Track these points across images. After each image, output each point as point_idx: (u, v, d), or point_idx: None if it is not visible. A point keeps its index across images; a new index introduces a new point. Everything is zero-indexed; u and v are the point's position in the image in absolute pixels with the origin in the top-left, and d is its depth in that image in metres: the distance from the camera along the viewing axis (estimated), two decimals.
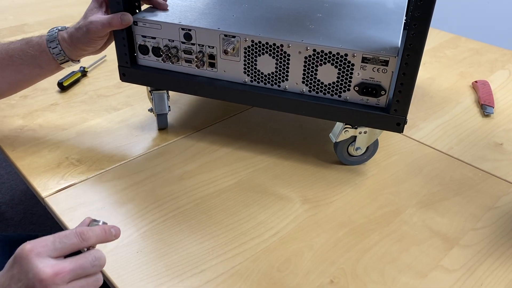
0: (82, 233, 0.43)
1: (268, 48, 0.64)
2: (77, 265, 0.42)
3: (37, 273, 0.39)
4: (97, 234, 0.44)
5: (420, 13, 0.55)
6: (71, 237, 0.42)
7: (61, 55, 0.67)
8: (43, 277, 0.39)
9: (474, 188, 0.69)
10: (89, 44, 0.67)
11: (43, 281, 0.39)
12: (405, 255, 0.58)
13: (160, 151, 0.74)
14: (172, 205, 0.63)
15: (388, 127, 0.64)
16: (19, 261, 0.41)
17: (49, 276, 0.40)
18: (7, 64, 0.68)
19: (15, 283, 0.40)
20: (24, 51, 0.67)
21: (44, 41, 0.67)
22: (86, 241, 0.43)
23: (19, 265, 0.40)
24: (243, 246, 0.58)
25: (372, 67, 0.61)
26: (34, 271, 0.39)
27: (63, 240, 0.42)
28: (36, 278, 0.39)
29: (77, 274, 0.42)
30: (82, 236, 0.43)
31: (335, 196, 0.66)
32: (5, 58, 0.68)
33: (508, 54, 1.10)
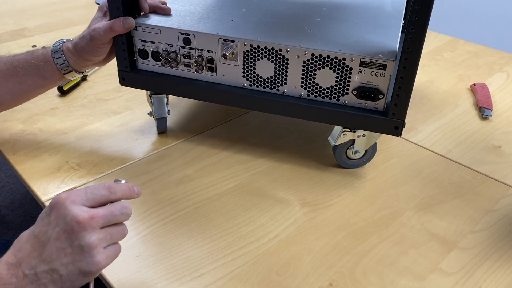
0: (111, 186, 0.47)
1: (267, 52, 0.65)
2: (109, 211, 0.45)
3: (74, 216, 0.43)
4: (123, 189, 0.48)
5: (418, 17, 0.55)
6: (101, 189, 0.46)
7: (65, 65, 0.68)
8: (80, 219, 0.43)
9: (472, 191, 0.69)
10: (93, 53, 0.67)
11: (81, 223, 0.43)
12: (404, 258, 0.58)
13: (159, 154, 0.74)
14: (172, 209, 0.64)
15: (386, 130, 0.64)
16: (56, 208, 0.44)
17: (86, 218, 0.43)
18: (11, 75, 0.68)
19: (53, 228, 0.43)
20: (28, 62, 0.68)
21: (49, 52, 0.68)
22: (114, 194, 0.47)
23: (56, 212, 0.44)
24: (242, 250, 0.58)
25: (370, 71, 0.61)
26: (72, 215, 0.43)
27: (94, 191, 0.46)
28: (74, 221, 0.43)
29: (109, 220, 0.45)
30: (110, 189, 0.47)
31: (334, 199, 0.67)
32: (10, 68, 0.68)
33: (506, 56, 1.11)
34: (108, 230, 0.46)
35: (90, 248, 0.43)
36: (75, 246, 0.43)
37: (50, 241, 0.43)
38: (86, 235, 0.43)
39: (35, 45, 1.07)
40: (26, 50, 0.71)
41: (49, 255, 0.43)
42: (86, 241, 0.43)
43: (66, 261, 0.43)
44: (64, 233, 0.43)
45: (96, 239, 0.44)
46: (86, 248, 0.43)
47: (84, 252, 0.43)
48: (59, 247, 0.43)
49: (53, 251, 0.43)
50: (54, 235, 0.43)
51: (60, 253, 0.43)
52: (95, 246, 0.44)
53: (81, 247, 0.43)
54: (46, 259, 0.43)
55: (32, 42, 1.09)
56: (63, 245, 0.43)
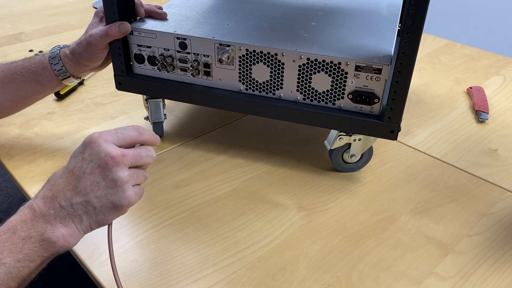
0: (140, 128, 0.50)
1: (263, 56, 0.65)
2: (137, 152, 0.48)
3: (109, 152, 0.46)
4: (149, 133, 0.51)
5: (412, 21, 0.55)
6: (130, 130, 0.49)
7: (62, 71, 0.68)
8: (114, 155, 0.46)
9: (468, 195, 0.69)
10: (90, 58, 0.67)
11: (115, 158, 0.46)
12: (400, 262, 0.58)
13: (156, 159, 0.74)
14: (168, 214, 0.64)
15: (382, 134, 0.64)
16: (90, 145, 0.47)
17: (119, 154, 0.46)
18: (9, 81, 0.68)
19: (87, 163, 0.46)
20: (26, 68, 0.68)
21: (46, 58, 0.68)
22: (142, 135, 0.50)
23: (90, 149, 0.46)
24: (238, 255, 0.58)
25: (365, 75, 0.62)
26: (106, 151, 0.46)
27: (124, 131, 0.49)
28: (109, 156, 0.46)
29: (136, 160, 0.48)
30: (139, 130, 0.50)
31: (331, 203, 0.67)
32: (7, 75, 0.68)
33: (502, 60, 1.11)
34: (135, 170, 0.48)
35: (122, 183, 0.46)
36: (109, 180, 0.46)
37: (85, 175, 0.46)
38: (118, 170, 0.46)
39: (32, 50, 1.07)
40: (23, 54, 0.71)
41: (84, 187, 0.45)
42: (119, 175, 0.46)
43: (99, 194, 0.45)
44: (98, 168, 0.46)
45: (127, 175, 0.46)
46: (119, 182, 0.46)
47: (117, 186, 0.46)
48: (94, 181, 0.45)
49: (87, 184, 0.45)
50: (89, 170, 0.46)
51: (94, 186, 0.45)
52: (126, 181, 0.46)
53: (114, 181, 0.46)
54: (81, 191, 0.45)
55: (29, 46, 1.09)
56: (97, 179, 0.45)
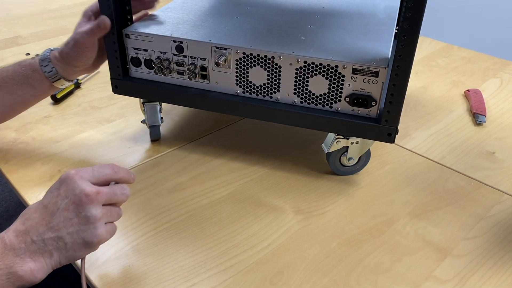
0: (115, 166, 0.52)
1: (260, 60, 0.65)
2: (111, 190, 0.50)
3: (83, 189, 0.47)
4: (124, 171, 0.53)
5: (409, 24, 0.55)
6: (106, 168, 0.51)
7: (52, 73, 0.67)
8: (88, 192, 0.47)
9: (466, 197, 0.69)
10: (79, 58, 0.67)
11: (89, 196, 0.47)
12: (398, 265, 0.58)
13: (152, 162, 0.74)
14: (164, 218, 0.63)
15: (379, 137, 0.64)
16: (65, 182, 0.48)
17: (93, 192, 0.47)
18: (0, 87, 0.68)
19: (62, 199, 0.47)
20: (16, 72, 0.68)
21: (37, 61, 0.68)
22: (117, 173, 0.51)
23: (65, 185, 0.48)
24: (235, 259, 0.58)
25: (362, 78, 0.61)
26: (81, 188, 0.47)
27: (100, 169, 0.50)
28: (83, 193, 0.47)
29: (111, 198, 0.49)
30: (114, 169, 0.51)
31: (328, 206, 0.66)
32: None
33: (499, 62, 1.11)
34: (108, 208, 0.50)
35: (94, 220, 0.47)
36: (82, 216, 0.47)
37: (59, 211, 0.47)
38: (92, 207, 0.47)
39: (28, 53, 1.07)
40: (20, 58, 0.71)
41: (57, 223, 0.46)
42: (92, 213, 0.47)
43: (72, 230, 0.47)
44: (72, 204, 0.47)
45: (100, 212, 0.48)
46: (92, 219, 0.47)
47: (89, 223, 0.47)
48: (67, 217, 0.47)
49: (60, 220, 0.47)
50: (63, 206, 0.47)
51: (67, 222, 0.47)
52: (99, 219, 0.48)
53: (87, 218, 0.47)
54: (53, 227, 0.46)
55: (26, 50, 1.09)
56: (71, 215, 0.47)
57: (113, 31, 0.68)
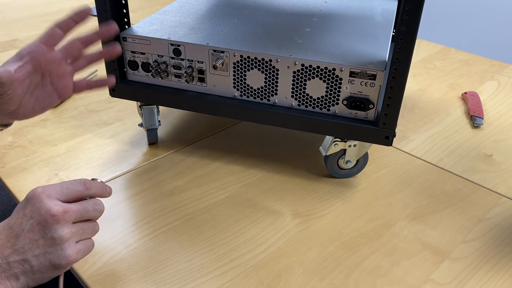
0: (86, 182, 0.50)
1: (257, 63, 0.65)
2: (82, 207, 0.47)
3: (49, 209, 0.45)
4: (97, 186, 0.51)
5: (406, 27, 0.55)
6: (76, 185, 0.48)
7: None
8: (54, 212, 0.45)
9: (464, 200, 0.69)
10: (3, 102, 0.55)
11: (55, 216, 0.45)
12: (396, 268, 0.58)
13: (150, 166, 0.74)
14: (162, 221, 0.63)
15: (377, 140, 0.64)
16: (31, 201, 0.46)
17: (60, 212, 0.45)
18: None
19: (27, 220, 0.45)
20: None
21: None
22: (89, 189, 0.49)
23: (31, 205, 0.46)
24: (233, 262, 0.57)
25: (360, 81, 0.61)
26: (46, 208, 0.45)
27: (70, 186, 0.48)
28: (49, 214, 0.44)
29: (81, 215, 0.47)
30: (86, 185, 0.49)
31: (326, 209, 0.66)
32: None
33: (497, 65, 1.11)
34: (80, 225, 0.47)
35: (61, 241, 0.45)
36: (48, 238, 0.45)
37: (24, 232, 0.45)
38: (58, 228, 0.45)
39: None
40: None
41: (22, 246, 0.44)
42: (59, 234, 0.45)
43: (37, 253, 0.44)
44: (38, 225, 0.45)
45: (69, 232, 0.45)
46: (58, 240, 0.45)
47: (56, 245, 0.45)
48: (32, 239, 0.45)
49: (26, 242, 0.44)
50: (28, 227, 0.45)
51: (32, 244, 0.44)
52: (66, 239, 0.45)
53: (53, 239, 0.45)
54: (19, 249, 0.44)
55: None
56: (36, 237, 0.45)
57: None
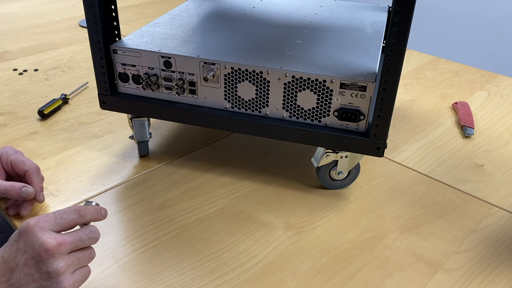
0: (80, 210, 0.49)
1: (248, 75, 0.65)
2: (77, 237, 0.47)
3: (42, 243, 0.44)
4: (92, 212, 0.50)
5: (396, 39, 0.56)
6: (70, 213, 0.48)
7: None
8: (48, 247, 0.44)
9: (456, 211, 0.69)
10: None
11: (49, 250, 0.44)
12: (389, 281, 0.57)
13: (141, 178, 0.73)
14: (152, 235, 0.62)
15: (368, 151, 0.64)
16: (24, 235, 0.45)
17: (54, 246, 0.44)
18: None
19: (21, 254, 0.45)
20: None
21: None
22: (83, 217, 0.49)
23: (24, 239, 0.45)
24: (225, 277, 0.57)
25: (350, 92, 0.62)
26: (40, 242, 0.44)
27: (63, 216, 0.47)
28: (42, 248, 0.44)
29: (76, 245, 0.47)
30: (79, 213, 0.48)
31: (318, 221, 0.66)
32: None
33: (486, 75, 1.13)
34: (75, 254, 0.47)
35: (57, 275, 0.44)
36: (43, 272, 0.44)
37: (18, 267, 0.44)
38: (53, 262, 0.44)
39: (16, 69, 1.06)
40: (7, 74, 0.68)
41: (17, 280, 0.44)
42: (54, 268, 0.44)
43: (33, 287, 0.44)
44: (32, 260, 0.44)
45: (64, 265, 0.45)
46: (54, 274, 0.44)
47: (52, 278, 0.44)
48: (27, 273, 0.44)
49: (21, 277, 0.44)
50: (22, 261, 0.44)
51: (28, 279, 0.44)
52: (62, 272, 0.45)
53: (49, 273, 0.44)
54: (14, 284, 0.44)
55: (13, 65, 1.08)
56: (31, 271, 0.44)
57: (100, 47, 0.68)
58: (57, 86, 1.01)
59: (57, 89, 0.99)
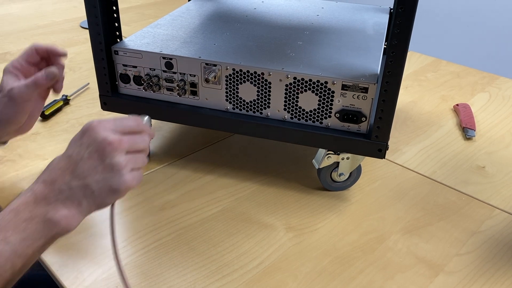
0: (138, 119, 0.52)
1: (249, 76, 0.65)
2: (132, 140, 0.49)
3: (105, 138, 0.47)
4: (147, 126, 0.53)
5: (398, 41, 0.56)
6: (129, 121, 0.51)
7: None
8: (111, 141, 0.47)
9: (458, 213, 0.69)
10: (14, 116, 0.61)
11: (112, 145, 0.47)
12: (390, 283, 0.57)
13: (142, 179, 0.73)
14: (153, 236, 0.62)
15: (370, 153, 0.64)
16: (88, 132, 0.48)
17: (116, 141, 0.47)
18: None
19: (85, 149, 0.47)
20: None
21: None
22: (139, 126, 0.51)
23: (88, 135, 0.47)
24: (226, 278, 0.57)
25: (352, 94, 0.62)
26: (103, 137, 0.47)
27: (123, 121, 0.50)
28: (106, 142, 0.47)
29: (132, 146, 0.49)
30: (137, 121, 0.51)
31: (320, 223, 0.66)
32: None
33: (487, 76, 1.12)
34: (133, 154, 0.49)
35: (119, 167, 0.47)
36: (106, 164, 0.47)
37: (83, 159, 0.47)
38: (116, 155, 0.47)
39: None
40: None
41: (82, 172, 0.46)
42: (116, 160, 0.47)
43: (97, 178, 0.46)
44: (96, 153, 0.46)
45: (124, 160, 0.47)
46: (116, 166, 0.47)
47: (114, 170, 0.47)
48: (91, 165, 0.46)
49: (85, 169, 0.46)
50: (87, 155, 0.47)
51: (92, 170, 0.46)
52: (124, 166, 0.47)
53: (112, 165, 0.47)
54: (79, 175, 0.46)
55: None
56: (95, 164, 0.46)
57: (101, 48, 0.68)
58: None
59: None
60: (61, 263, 0.57)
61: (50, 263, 0.57)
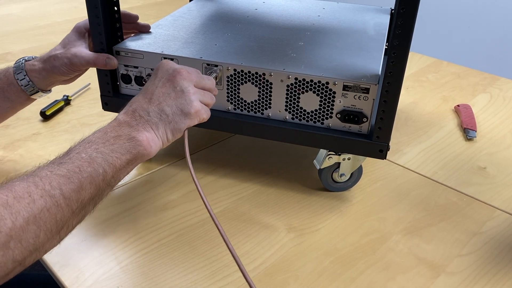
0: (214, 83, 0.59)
1: (251, 76, 0.65)
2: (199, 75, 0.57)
3: (176, 69, 0.55)
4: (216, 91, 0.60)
5: (399, 41, 0.56)
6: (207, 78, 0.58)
7: (30, 86, 0.66)
8: (180, 71, 0.55)
9: (459, 213, 0.69)
10: (66, 74, 0.67)
11: (182, 74, 0.55)
12: (392, 284, 0.57)
13: (143, 180, 0.73)
14: (154, 237, 0.62)
15: (371, 153, 0.64)
16: (161, 67, 0.56)
17: (184, 71, 0.55)
18: None
19: (159, 80, 0.55)
20: None
21: (11, 73, 0.66)
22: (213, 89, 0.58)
23: (161, 70, 0.56)
24: (227, 279, 0.57)
25: (353, 94, 0.61)
26: (174, 68, 0.55)
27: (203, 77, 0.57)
28: (176, 72, 0.55)
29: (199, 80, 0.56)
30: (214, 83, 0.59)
31: (321, 223, 0.66)
32: None
33: (488, 77, 1.12)
34: (201, 89, 0.56)
35: (189, 93, 0.54)
36: (178, 90, 0.54)
37: (157, 88, 0.54)
38: (185, 82, 0.54)
39: None
40: None
41: (157, 98, 0.53)
42: (185, 86, 0.54)
43: (170, 103, 0.53)
44: (168, 82, 0.54)
45: (192, 88, 0.54)
46: (186, 92, 0.54)
47: (185, 95, 0.53)
48: (165, 92, 0.54)
49: (160, 95, 0.53)
50: (160, 84, 0.54)
51: (165, 97, 0.53)
52: (193, 93, 0.54)
53: (182, 91, 0.54)
54: (154, 101, 0.53)
55: None
56: (168, 91, 0.54)
57: (103, 48, 0.68)
58: (59, 87, 1.00)
59: (59, 90, 0.99)
60: (62, 263, 0.57)
61: (52, 263, 0.57)
